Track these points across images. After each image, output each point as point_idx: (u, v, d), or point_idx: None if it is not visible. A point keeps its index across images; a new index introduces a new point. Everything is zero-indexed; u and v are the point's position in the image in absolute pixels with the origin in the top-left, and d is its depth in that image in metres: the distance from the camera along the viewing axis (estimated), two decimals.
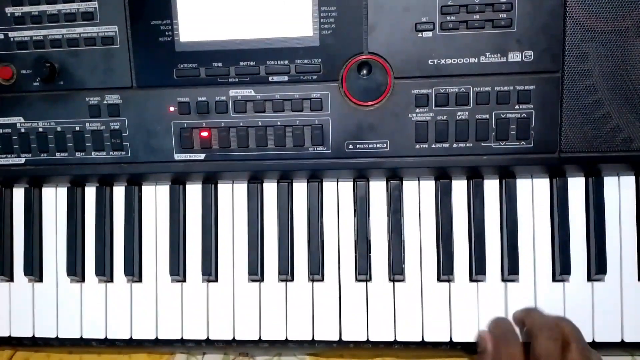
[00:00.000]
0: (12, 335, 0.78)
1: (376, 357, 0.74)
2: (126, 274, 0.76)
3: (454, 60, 0.67)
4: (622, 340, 0.70)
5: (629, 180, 0.71)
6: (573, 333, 0.62)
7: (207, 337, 0.75)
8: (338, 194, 0.74)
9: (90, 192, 0.78)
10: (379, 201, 0.74)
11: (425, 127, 0.68)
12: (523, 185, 0.72)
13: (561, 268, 0.70)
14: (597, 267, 0.70)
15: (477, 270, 0.71)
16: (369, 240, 0.73)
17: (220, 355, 0.77)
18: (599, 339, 0.70)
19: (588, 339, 0.70)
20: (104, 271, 0.76)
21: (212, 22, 0.68)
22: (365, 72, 0.68)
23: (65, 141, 0.73)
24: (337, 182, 0.74)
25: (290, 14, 0.67)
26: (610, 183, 0.71)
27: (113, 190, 0.77)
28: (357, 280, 0.73)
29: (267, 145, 0.71)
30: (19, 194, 0.79)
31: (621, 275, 0.70)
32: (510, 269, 0.70)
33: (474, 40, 0.66)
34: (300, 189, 0.75)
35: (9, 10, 0.71)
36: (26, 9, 0.70)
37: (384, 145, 0.69)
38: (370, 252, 0.73)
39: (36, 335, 0.78)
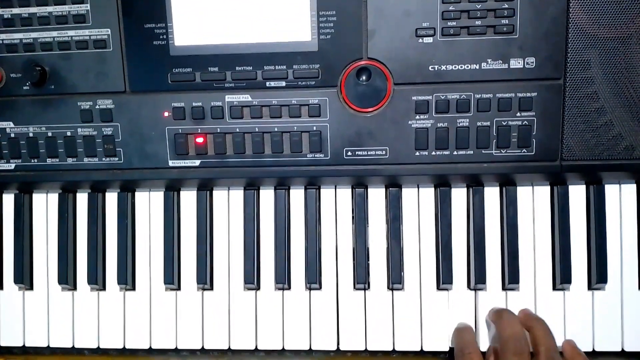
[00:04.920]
0: (1, 344, 0.77)
1: None
2: (119, 282, 0.74)
3: (455, 67, 0.66)
4: (623, 349, 0.70)
5: (630, 189, 0.70)
6: (544, 340, 0.62)
7: (202, 347, 0.74)
8: (336, 201, 0.73)
9: (82, 199, 0.76)
10: (378, 209, 0.72)
11: (425, 134, 0.67)
12: (523, 193, 0.71)
13: (562, 277, 0.69)
14: (598, 275, 0.69)
15: (477, 279, 0.70)
16: (368, 249, 0.72)
17: None
18: (599, 348, 0.70)
19: (588, 348, 0.70)
20: (97, 279, 0.74)
21: (207, 26, 0.66)
22: (364, 77, 0.66)
23: (56, 147, 0.71)
24: (335, 189, 0.73)
25: (289, 18, 0.65)
26: (611, 191, 0.70)
27: (105, 197, 0.76)
28: (355, 289, 0.72)
29: (264, 151, 0.69)
30: (8, 200, 0.77)
31: (622, 284, 0.70)
32: (511, 277, 0.70)
33: (475, 46, 0.65)
34: (297, 195, 0.73)
35: None
36: (16, 10, 0.68)
37: (383, 152, 0.68)
38: (368, 261, 0.72)
39: (27, 345, 0.76)
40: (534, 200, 0.71)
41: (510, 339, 0.62)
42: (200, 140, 0.69)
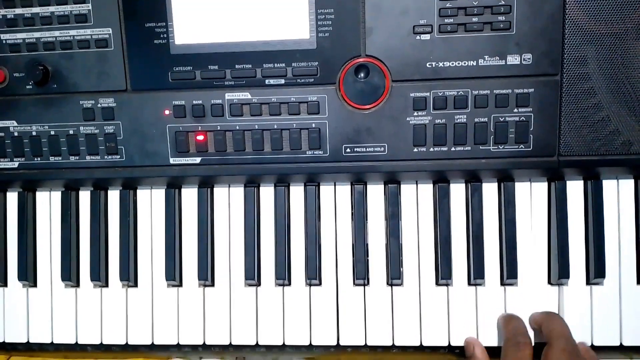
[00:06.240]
0: (6, 341, 0.77)
1: None
2: (121, 278, 0.75)
3: (452, 63, 0.66)
4: (621, 344, 0.70)
5: (628, 184, 0.71)
6: (586, 351, 0.63)
7: (204, 342, 0.74)
8: (335, 198, 0.74)
9: (84, 196, 0.77)
10: (377, 205, 0.73)
11: (423, 130, 0.68)
12: (521, 189, 0.71)
13: (560, 272, 0.70)
14: (596, 270, 0.69)
15: (476, 274, 0.70)
16: (367, 245, 0.73)
17: None
18: (597, 342, 0.70)
19: (586, 343, 0.70)
20: (99, 276, 0.75)
21: (207, 25, 0.67)
22: (362, 75, 0.67)
23: (59, 145, 0.72)
24: (335, 185, 0.74)
25: (287, 16, 0.66)
26: (609, 186, 0.70)
27: (108, 195, 0.77)
28: (354, 284, 0.73)
29: (263, 148, 0.70)
30: (12, 198, 0.78)
31: (620, 279, 0.70)
32: (509, 272, 0.70)
33: (473, 43, 0.65)
34: (297, 192, 0.74)
35: (0, 12, 0.69)
36: (18, 10, 0.69)
37: (382, 148, 0.69)
38: (368, 257, 0.72)
39: (31, 341, 0.77)
40: (531, 196, 0.71)
41: (562, 337, 0.61)
42: (200, 137, 0.70)
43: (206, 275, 0.74)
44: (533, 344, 0.63)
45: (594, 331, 0.70)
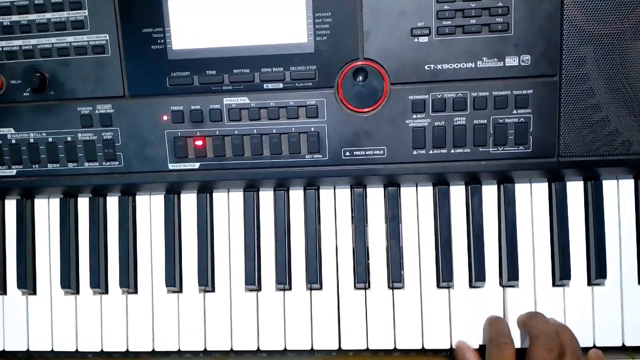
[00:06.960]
0: (5, 350, 0.77)
1: None
2: (121, 285, 0.75)
3: (451, 65, 0.66)
4: (623, 344, 0.70)
5: (628, 184, 0.70)
6: (570, 343, 0.62)
7: (205, 348, 0.74)
8: (335, 201, 0.73)
9: (83, 203, 0.76)
10: (377, 208, 0.73)
11: (423, 133, 0.68)
12: (522, 190, 0.71)
13: (561, 273, 0.69)
14: (597, 271, 0.69)
15: (477, 276, 0.70)
16: (367, 248, 0.72)
17: None
18: (599, 343, 0.70)
19: (589, 344, 0.70)
20: (99, 283, 0.75)
21: (205, 29, 0.67)
22: (361, 78, 0.67)
23: (57, 152, 0.72)
24: (334, 189, 0.74)
25: (285, 21, 0.66)
26: (609, 187, 0.70)
27: (107, 201, 0.76)
28: (355, 288, 0.73)
29: (262, 153, 0.70)
30: (10, 206, 0.77)
31: (621, 279, 0.70)
32: (510, 274, 0.70)
33: (471, 44, 0.65)
34: (296, 196, 0.74)
35: None
36: (15, 17, 0.69)
37: (381, 151, 0.68)
38: (368, 260, 0.72)
39: (31, 349, 0.77)
40: (532, 197, 0.71)
41: (541, 335, 0.62)
42: (199, 143, 0.70)
43: (206, 281, 0.73)
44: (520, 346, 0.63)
45: (596, 332, 0.70)
